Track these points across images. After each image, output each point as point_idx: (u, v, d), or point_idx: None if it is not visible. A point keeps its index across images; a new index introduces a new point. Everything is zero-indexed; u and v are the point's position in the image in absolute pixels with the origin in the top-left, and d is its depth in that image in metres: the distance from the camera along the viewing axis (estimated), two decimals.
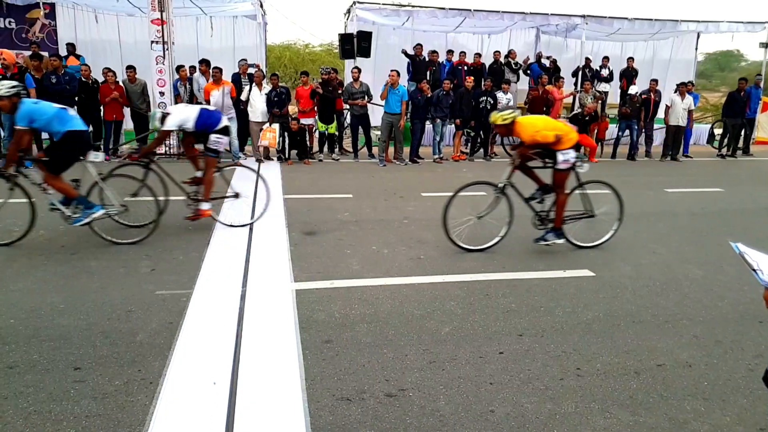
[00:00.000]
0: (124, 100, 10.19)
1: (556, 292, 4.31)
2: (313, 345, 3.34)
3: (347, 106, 11.12)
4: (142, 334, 3.42)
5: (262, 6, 12.74)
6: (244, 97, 10.24)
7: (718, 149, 13.41)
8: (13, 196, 5.02)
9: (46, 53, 11.16)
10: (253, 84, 10.27)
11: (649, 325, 3.78)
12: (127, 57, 12.31)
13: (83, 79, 9.90)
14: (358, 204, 7.19)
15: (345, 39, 11.79)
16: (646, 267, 4.98)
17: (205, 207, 5.68)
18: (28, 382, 2.86)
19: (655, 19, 13.90)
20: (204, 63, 10.45)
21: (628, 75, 13.63)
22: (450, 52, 13.35)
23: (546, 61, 13.88)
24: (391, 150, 10.98)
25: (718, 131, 14.05)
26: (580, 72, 13.43)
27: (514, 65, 13.52)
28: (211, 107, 7.20)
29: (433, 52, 12.47)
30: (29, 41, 12.34)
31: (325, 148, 11.27)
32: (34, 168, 5.00)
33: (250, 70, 10.92)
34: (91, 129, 9.93)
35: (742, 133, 13.23)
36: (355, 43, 11.55)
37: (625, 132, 12.19)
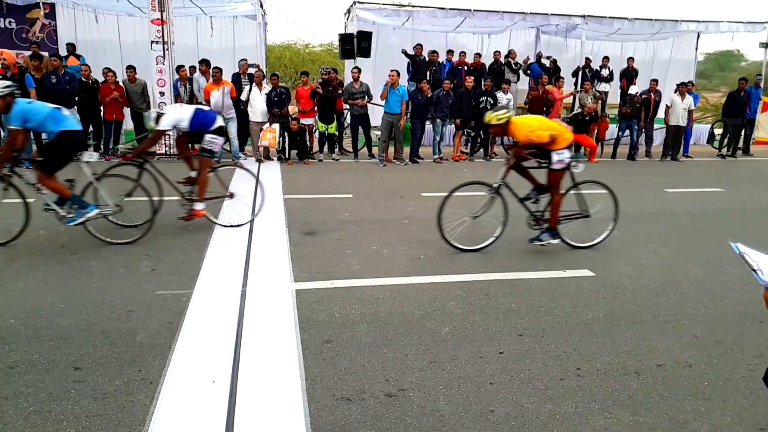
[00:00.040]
0: (124, 100, 10.19)
1: (556, 292, 4.31)
2: (313, 345, 3.34)
3: (347, 106, 11.12)
4: (142, 334, 3.42)
5: (262, 6, 12.75)
6: (244, 97, 10.24)
7: (718, 149, 13.42)
8: (7, 196, 5.01)
9: (46, 53, 11.15)
10: (253, 84, 10.27)
11: (649, 325, 3.78)
12: (127, 57, 12.32)
13: (83, 79, 9.89)
14: (358, 204, 7.20)
15: (345, 39, 11.79)
16: (646, 267, 4.98)
17: (199, 207, 5.69)
18: (29, 382, 2.86)
19: (655, 19, 13.91)
20: (204, 63, 10.45)
21: (628, 75, 13.62)
22: (450, 52, 13.35)
23: (546, 61, 13.88)
24: (391, 150, 10.98)
25: (718, 131, 14.06)
26: (580, 72, 13.43)
27: (514, 65, 13.52)
28: (207, 107, 7.18)
29: (433, 52, 12.47)
30: (29, 41, 12.35)
31: (325, 148, 11.28)
32: (30, 168, 5.00)
33: (250, 70, 10.92)
34: (91, 129, 9.98)
35: (742, 133, 13.24)
36: (355, 43, 11.56)
37: (625, 132, 12.19)
